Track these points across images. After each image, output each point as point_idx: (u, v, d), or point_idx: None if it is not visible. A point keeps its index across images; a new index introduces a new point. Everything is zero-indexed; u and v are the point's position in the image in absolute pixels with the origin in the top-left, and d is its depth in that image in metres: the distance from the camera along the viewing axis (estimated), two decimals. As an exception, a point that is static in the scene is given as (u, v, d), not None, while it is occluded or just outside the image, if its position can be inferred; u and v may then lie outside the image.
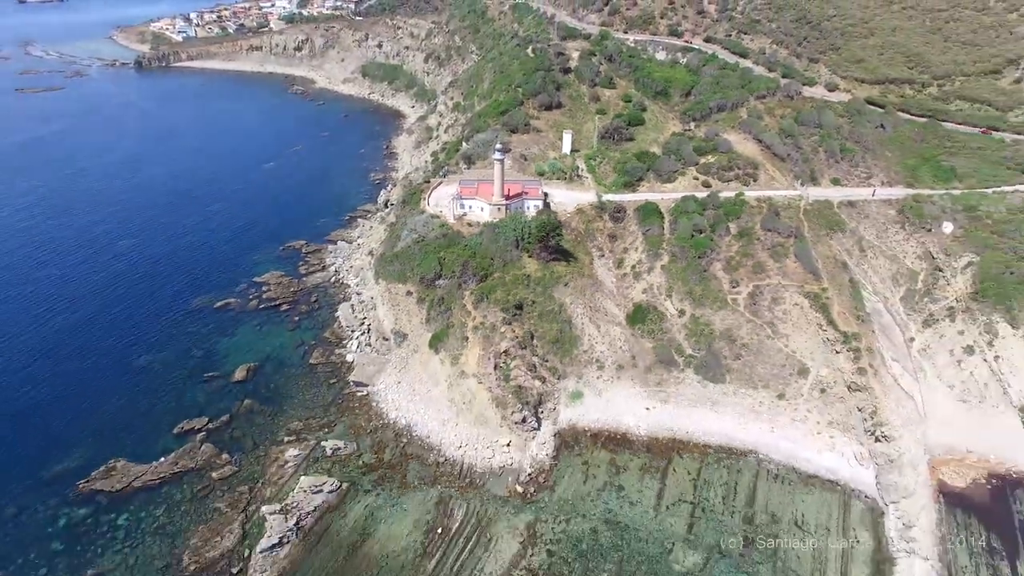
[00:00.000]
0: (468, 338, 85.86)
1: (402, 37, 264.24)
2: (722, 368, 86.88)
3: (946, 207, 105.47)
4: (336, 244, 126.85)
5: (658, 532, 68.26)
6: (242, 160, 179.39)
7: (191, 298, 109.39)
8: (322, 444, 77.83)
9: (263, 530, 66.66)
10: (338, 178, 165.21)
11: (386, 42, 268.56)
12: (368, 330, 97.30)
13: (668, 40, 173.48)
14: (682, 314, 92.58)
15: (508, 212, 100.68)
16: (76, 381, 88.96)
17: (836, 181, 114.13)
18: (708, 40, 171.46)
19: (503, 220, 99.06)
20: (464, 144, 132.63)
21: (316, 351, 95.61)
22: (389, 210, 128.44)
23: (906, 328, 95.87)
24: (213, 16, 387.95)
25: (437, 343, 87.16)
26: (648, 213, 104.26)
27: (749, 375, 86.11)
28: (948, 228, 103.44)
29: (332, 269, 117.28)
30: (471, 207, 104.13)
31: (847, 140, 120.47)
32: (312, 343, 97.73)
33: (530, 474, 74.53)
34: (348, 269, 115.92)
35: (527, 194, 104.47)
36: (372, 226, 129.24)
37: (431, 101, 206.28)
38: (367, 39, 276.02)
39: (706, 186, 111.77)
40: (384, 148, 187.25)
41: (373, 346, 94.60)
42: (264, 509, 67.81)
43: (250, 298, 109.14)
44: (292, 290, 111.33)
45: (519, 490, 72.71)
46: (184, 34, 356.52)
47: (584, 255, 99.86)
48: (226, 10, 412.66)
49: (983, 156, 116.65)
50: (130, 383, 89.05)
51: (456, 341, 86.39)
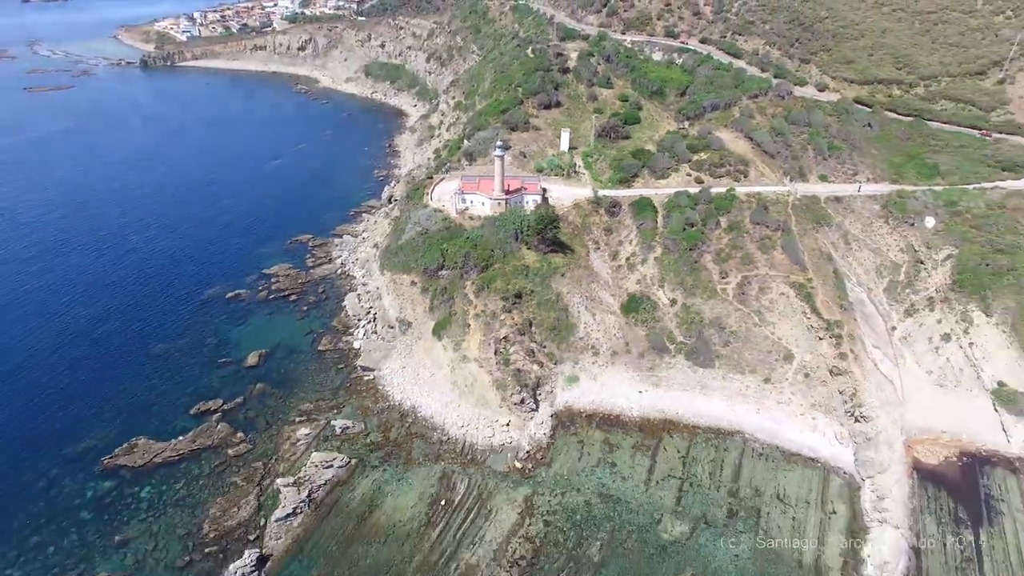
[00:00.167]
0: (470, 325, 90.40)
1: (404, 37, 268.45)
2: (711, 354, 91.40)
3: (928, 202, 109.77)
4: (342, 238, 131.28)
5: (648, 504, 72.79)
6: (249, 157, 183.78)
7: (203, 289, 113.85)
8: (332, 424, 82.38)
9: (277, 501, 71.18)
10: (342, 175, 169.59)
11: (388, 42, 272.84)
12: (374, 318, 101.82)
13: (664, 41, 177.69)
14: (674, 303, 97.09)
15: (508, 206, 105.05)
16: (97, 366, 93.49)
17: (824, 177, 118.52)
18: (703, 41, 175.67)
19: (503, 214, 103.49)
20: (466, 142, 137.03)
21: (324, 338, 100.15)
22: (393, 205, 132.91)
23: (888, 317, 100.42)
24: (216, 16, 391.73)
25: (440, 330, 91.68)
26: (642, 208, 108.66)
27: (737, 361, 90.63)
28: (930, 222, 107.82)
29: (338, 261, 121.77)
30: (472, 201, 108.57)
31: (835, 138, 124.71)
32: (320, 331, 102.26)
33: (528, 451, 79.09)
34: (354, 261, 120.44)
35: (526, 189, 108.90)
36: (376, 221, 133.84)
37: (433, 100, 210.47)
38: (370, 39, 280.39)
39: (698, 182, 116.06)
40: (387, 146, 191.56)
41: (379, 333, 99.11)
42: (278, 482, 72.37)
43: (260, 289, 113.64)
44: (300, 281, 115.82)
45: (518, 466, 77.27)
46: (188, 34, 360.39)
47: (580, 247, 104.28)
48: (229, 9, 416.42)
49: (965, 154, 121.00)
50: (148, 368, 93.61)
51: (458, 328, 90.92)
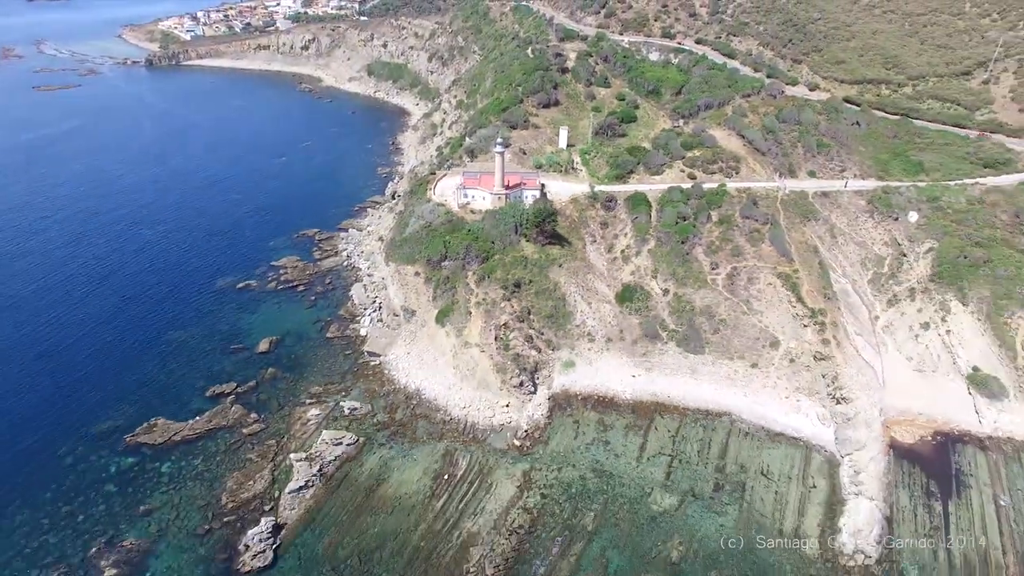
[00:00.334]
0: (471, 313, 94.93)
1: (407, 37, 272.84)
2: (701, 341, 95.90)
3: (912, 198, 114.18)
4: (347, 232, 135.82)
5: (639, 479, 77.25)
6: (255, 155, 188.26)
7: (215, 280, 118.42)
8: (340, 405, 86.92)
9: (290, 475, 75.66)
10: (347, 172, 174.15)
11: (391, 42, 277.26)
12: (379, 307, 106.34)
13: (661, 42, 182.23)
14: (666, 293, 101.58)
15: (508, 201, 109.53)
16: (116, 352, 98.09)
17: (812, 174, 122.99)
18: (699, 42, 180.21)
19: (503, 208, 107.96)
20: (467, 139, 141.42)
21: (332, 326, 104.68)
22: (397, 200, 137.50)
23: (872, 307, 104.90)
24: (220, 15, 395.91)
25: (443, 318, 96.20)
26: (637, 202, 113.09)
27: (726, 347, 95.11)
28: (913, 217, 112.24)
29: (344, 254, 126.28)
30: (474, 196, 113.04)
31: (824, 136, 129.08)
32: (328, 319, 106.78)
33: (526, 430, 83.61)
34: (359, 254, 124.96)
35: (525, 184, 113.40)
36: (381, 215, 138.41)
37: (435, 99, 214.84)
38: (372, 39, 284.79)
39: (691, 178, 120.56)
40: (390, 144, 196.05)
41: (384, 321, 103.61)
42: (292, 457, 76.87)
43: (269, 280, 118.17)
44: (308, 273, 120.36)
45: (516, 444, 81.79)
46: (192, 33, 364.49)
47: (577, 240, 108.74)
48: (232, 9, 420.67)
49: (949, 151, 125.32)
50: (164, 354, 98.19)
51: (460, 316, 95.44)
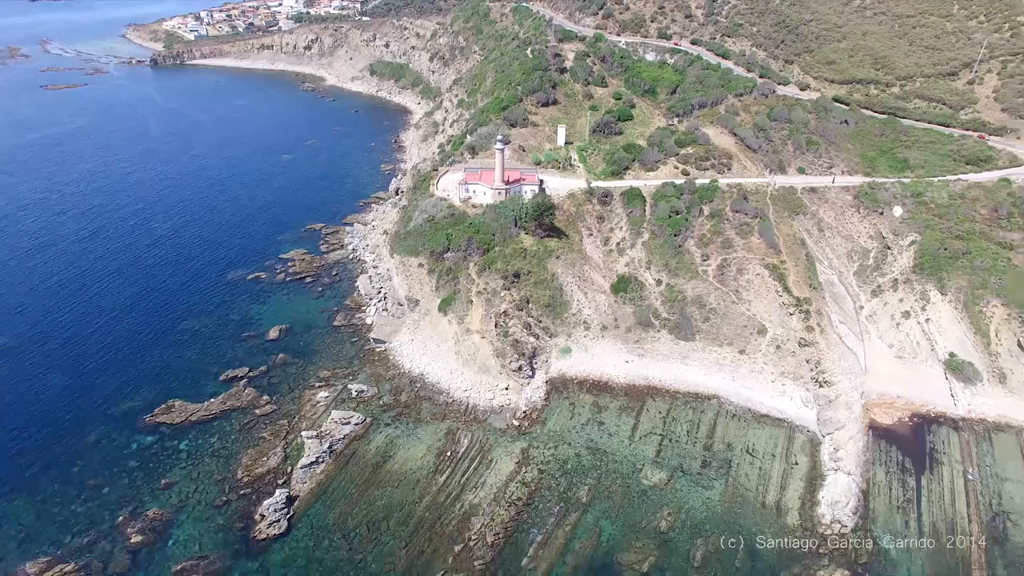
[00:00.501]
0: (472, 301, 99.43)
1: (408, 37, 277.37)
2: (692, 329, 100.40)
3: (897, 193, 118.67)
4: (352, 226, 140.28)
5: (631, 456, 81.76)
6: (261, 152, 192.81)
7: (225, 272, 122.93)
8: (348, 388, 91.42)
9: (302, 452, 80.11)
10: (351, 169, 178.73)
11: (393, 42, 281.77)
12: (384, 297, 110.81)
13: (657, 42, 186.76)
14: (659, 283, 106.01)
15: (508, 195, 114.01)
16: (133, 339, 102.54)
17: (801, 170, 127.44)
18: (694, 43, 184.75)
19: (503, 202, 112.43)
20: (468, 137, 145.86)
21: (339, 315, 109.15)
22: (400, 196, 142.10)
23: (857, 298, 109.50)
24: (223, 15, 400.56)
25: (445, 306, 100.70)
26: (632, 197, 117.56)
27: (716, 334, 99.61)
28: (898, 212, 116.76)
29: (350, 247, 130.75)
30: (475, 191, 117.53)
31: (813, 134, 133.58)
32: (335, 309, 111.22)
33: (525, 411, 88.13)
34: (364, 247, 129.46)
35: (525, 180, 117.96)
36: (385, 210, 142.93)
37: (436, 98, 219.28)
38: (375, 39, 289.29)
39: (685, 174, 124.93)
40: (393, 142, 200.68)
41: (389, 310, 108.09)
42: (303, 434, 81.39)
43: (278, 272, 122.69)
44: (315, 265, 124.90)
45: (515, 424, 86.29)
46: (196, 33, 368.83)
47: (574, 233, 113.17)
48: (235, 8, 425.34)
49: (934, 149, 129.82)
50: (179, 341, 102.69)
51: (462, 304, 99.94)
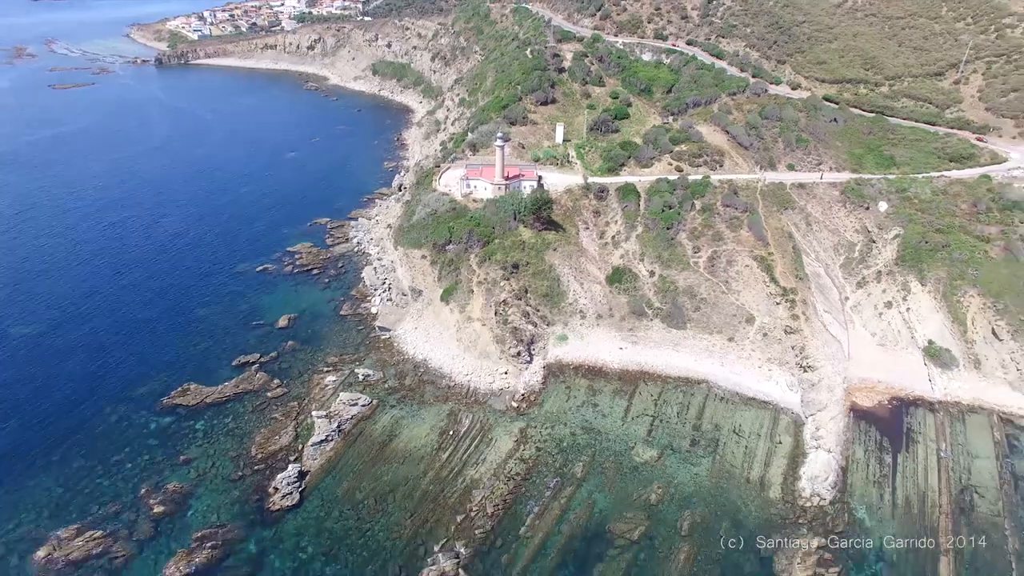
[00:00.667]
0: (473, 291, 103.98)
1: (410, 37, 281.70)
2: (684, 317, 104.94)
3: (882, 189, 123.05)
4: (357, 220, 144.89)
5: (624, 436, 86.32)
6: (267, 150, 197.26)
7: (235, 264, 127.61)
8: (355, 372, 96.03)
9: (312, 431, 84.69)
10: (355, 166, 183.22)
11: (395, 42, 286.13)
12: (389, 287, 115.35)
13: (654, 43, 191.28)
14: (652, 274, 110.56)
15: (507, 190, 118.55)
16: (149, 327, 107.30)
17: (791, 167, 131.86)
18: (690, 43, 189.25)
19: (503, 197, 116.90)
20: (470, 134, 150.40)
21: (345, 305, 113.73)
22: (403, 192, 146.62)
23: (842, 289, 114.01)
24: (226, 15, 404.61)
25: (447, 296, 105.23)
26: (627, 192, 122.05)
27: (706, 323, 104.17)
28: (883, 207, 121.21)
29: (355, 241, 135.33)
30: (476, 186, 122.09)
31: (803, 132, 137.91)
32: (341, 299, 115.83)
33: (523, 394, 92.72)
34: (369, 240, 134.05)
35: (524, 176, 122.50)
36: (388, 205, 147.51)
37: (438, 97, 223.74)
38: (377, 39, 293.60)
39: (678, 171, 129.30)
40: (395, 140, 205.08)
41: (394, 300, 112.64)
42: (314, 413, 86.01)
43: (285, 264, 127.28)
44: (321, 258, 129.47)
45: (514, 405, 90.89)
46: (199, 33, 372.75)
47: (571, 227, 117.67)
48: (237, 8, 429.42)
49: (919, 147, 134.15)
50: (192, 329, 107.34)
51: (463, 294, 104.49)
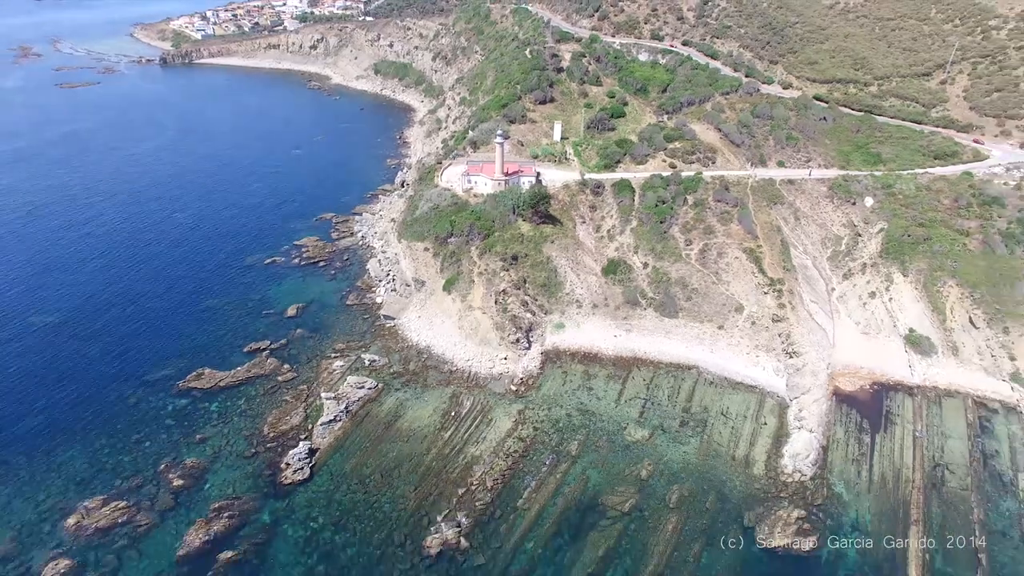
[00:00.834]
0: (474, 281, 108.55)
1: (412, 37, 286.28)
2: (676, 307, 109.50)
3: (869, 185, 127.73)
4: (361, 215, 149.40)
5: (617, 417, 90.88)
6: (272, 147, 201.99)
7: (243, 257, 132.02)
8: (361, 358, 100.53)
9: (321, 411, 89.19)
10: (358, 163, 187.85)
11: (397, 42, 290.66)
12: (393, 278, 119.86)
13: (650, 43, 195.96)
14: (646, 266, 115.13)
15: (507, 186, 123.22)
16: (162, 316, 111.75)
17: (781, 164, 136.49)
18: (685, 44, 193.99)
19: (503, 192, 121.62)
20: (470, 132, 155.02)
21: (351, 295, 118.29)
22: (406, 188, 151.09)
23: (829, 281, 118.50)
24: (229, 15, 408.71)
25: (449, 286, 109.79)
26: (622, 188, 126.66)
27: (697, 312, 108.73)
28: (869, 202, 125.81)
29: (359, 235, 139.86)
30: (476, 182, 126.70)
31: (793, 130, 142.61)
32: (347, 289, 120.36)
33: (522, 378, 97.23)
34: (373, 234, 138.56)
35: (523, 172, 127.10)
36: (392, 201, 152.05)
37: (439, 96, 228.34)
38: (379, 39, 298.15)
39: (672, 167, 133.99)
40: (397, 138, 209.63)
41: (398, 291, 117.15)
42: (323, 395, 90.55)
43: (292, 257, 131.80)
44: (327, 251, 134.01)
45: (513, 389, 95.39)
46: (203, 32, 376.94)
47: (568, 221, 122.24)
48: (240, 8, 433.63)
49: (905, 145, 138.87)
50: (204, 317, 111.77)
51: (464, 284, 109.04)
